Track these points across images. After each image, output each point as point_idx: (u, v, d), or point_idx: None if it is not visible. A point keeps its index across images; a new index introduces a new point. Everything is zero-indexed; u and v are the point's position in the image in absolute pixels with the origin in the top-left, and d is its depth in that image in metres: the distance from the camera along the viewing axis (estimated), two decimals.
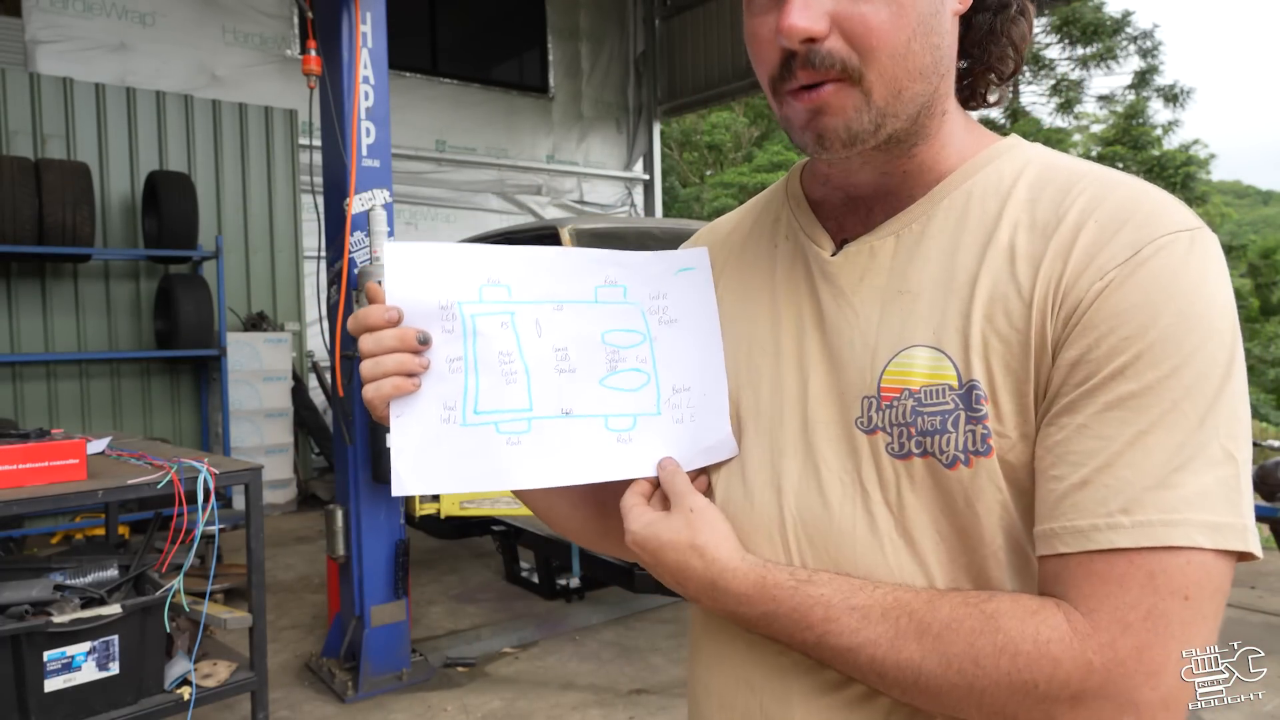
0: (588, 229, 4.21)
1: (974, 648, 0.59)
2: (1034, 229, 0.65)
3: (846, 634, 0.64)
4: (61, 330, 5.78)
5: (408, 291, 0.74)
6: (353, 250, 3.33)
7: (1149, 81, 15.45)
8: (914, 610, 0.62)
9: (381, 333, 0.73)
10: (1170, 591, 0.56)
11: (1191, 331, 0.58)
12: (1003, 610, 0.60)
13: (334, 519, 3.45)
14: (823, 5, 0.64)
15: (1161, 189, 0.66)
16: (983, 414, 0.63)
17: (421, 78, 8.37)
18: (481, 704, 3.29)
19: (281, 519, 6.22)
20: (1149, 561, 0.56)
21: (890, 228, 0.72)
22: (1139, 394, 0.58)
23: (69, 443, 2.45)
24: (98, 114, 5.97)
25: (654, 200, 10.25)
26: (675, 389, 0.79)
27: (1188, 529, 0.56)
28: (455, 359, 0.74)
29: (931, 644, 0.61)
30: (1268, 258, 17.05)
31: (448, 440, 0.74)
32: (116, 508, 3.68)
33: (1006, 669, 0.58)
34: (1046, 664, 0.57)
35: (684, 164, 18.95)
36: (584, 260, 0.79)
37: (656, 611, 4.24)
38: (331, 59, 3.32)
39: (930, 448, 0.65)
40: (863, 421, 0.69)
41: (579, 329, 0.78)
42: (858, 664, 0.64)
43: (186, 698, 2.50)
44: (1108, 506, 0.58)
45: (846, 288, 0.72)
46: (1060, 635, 0.57)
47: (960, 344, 0.65)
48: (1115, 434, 0.58)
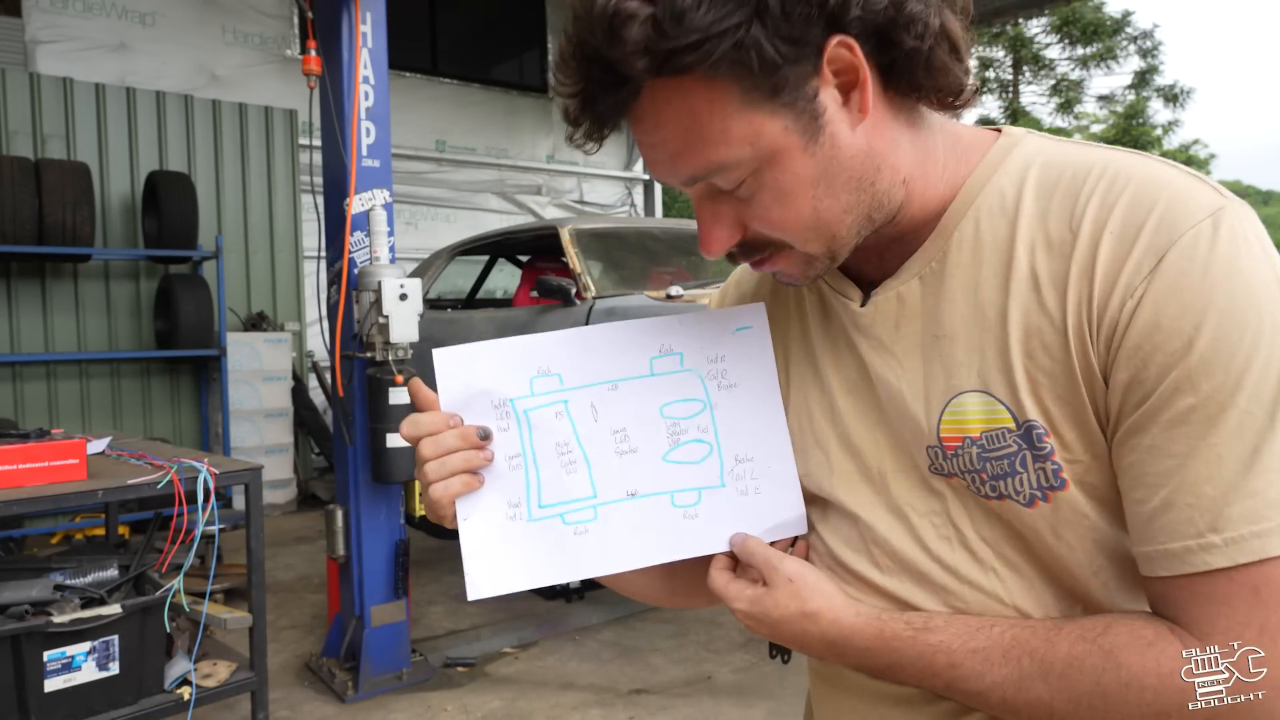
0: (587, 229, 4.21)
1: (1100, 685, 0.59)
2: (1051, 249, 0.63)
3: (973, 679, 0.64)
4: (61, 330, 5.78)
5: (460, 393, 0.75)
6: (353, 250, 3.33)
7: (1149, 81, 15.47)
8: (1034, 649, 0.62)
9: (441, 435, 0.74)
10: (1278, 603, 0.56)
11: (1237, 328, 0.56)
12: (1120, 645, 0.60)
13: (334, 519, 3.45)
14: (725, 216, 0.68)
15: (1171, 165, 0.63)
16: (1048, 450, 0.63)
17: (421, 78, 8.37)
18: (481, 704, 3.29)
19: (281, 519, 6.21)
20: (1250, 577, 0.56)
21: (911, 269, 0.71)
22: (1200, 406, 0.57)
23: (69, 443, 2.45)
24: (98, 114, 5.97)
25: (654, 200, 10.25)
26: (738, 459, 0.77)
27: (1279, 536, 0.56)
28: (514, 456, 0.75)
29: (1058, 683, 0.61)
30: None
31: (516, 537, 0.74)
32: (116, 508, 3.68)
33: (1135, 702, 0.58)
34: (1175, 694, 0.57)
35: None
36: (636, 332, 0.77)
37: (656, 611, 4.24)
38: (331, 59, 3.32)
39: (1005, 490, 0.65)
40: (936, 468, 0.69)
41: (636, 407, 0.76)
42: (990, 705, 0.64)
43: (186, 698, 2.50)
44: (1196, 526, 0.57)
45: (885, 339, 0.72)
46: (1181, 666, 0.57)
47: (1006, 384, 0.64)
48: (1186, 450, 0.57)
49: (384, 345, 3.22)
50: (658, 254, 4.47)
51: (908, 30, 0.61)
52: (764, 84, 0.61)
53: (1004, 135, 0.71)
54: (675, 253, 4.52)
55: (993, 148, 0.70)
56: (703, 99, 0.62)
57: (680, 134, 0.64)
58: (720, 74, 0.60)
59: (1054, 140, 0.69)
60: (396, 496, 3.52)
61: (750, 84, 0.61)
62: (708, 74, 0.60)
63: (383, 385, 3.23)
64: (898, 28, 0.61)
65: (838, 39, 0.60)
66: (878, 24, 0.61)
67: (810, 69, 0.61)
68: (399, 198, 5.22)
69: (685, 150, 0.65)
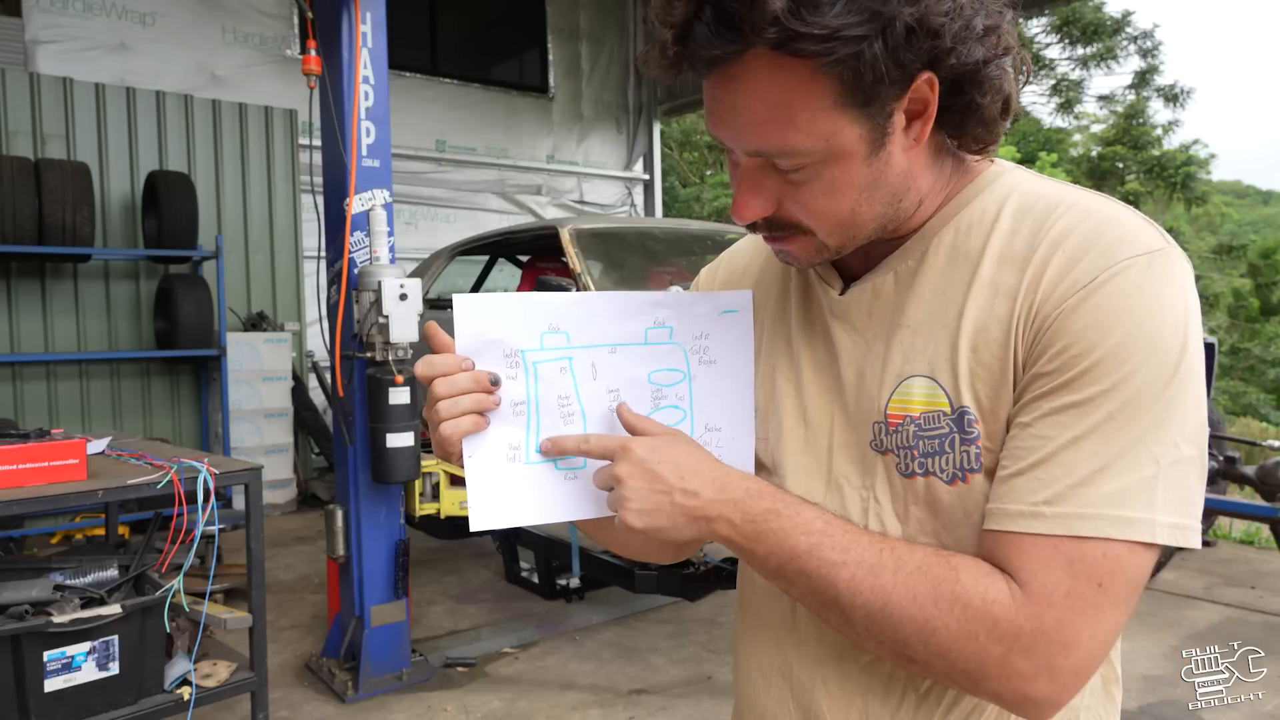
0: (587, 229, 4.21)
1: (936, 590, 0.68)
2: (1012, 262, 0.72)
3: (836, 550, 0.71)
4: (61, 330, 5.78)
5: (475, 339, 0.79)
6: (353, 250, 3.33)
7: (1149, 81, 15.45)
8: (894, 546, 0.71)
9: (455, 376, 0.78)
10: (1087, 578, 0.65)
11: (1137, 350, 0.65)
12: (964, 566, 0.69)
13: (334, 519, 3.45)
14: (767, 189, 0.74)
15: (1136, 212, 0.72)
16: (975, 435, 0.72)
17: (421, 78, 8.37)
18: (481, 704, 3.29)
19: (281, 519, 6.22)
20: (1069, 549, 0.65)
21: (889, 265, 0.79)
22: (1080, 404, 0.66)
23: (69, 443, 2.45)
24: (98, 114, 5.97)
25: (654, 200, 10.25)
26: (708, 428, 0.86)
27: (1099, 522, 0.65)
28: (519, 403, 0.80)
29: (904, 579, 0.69)
30: (1268, 258, 17.01)
31: (514, 478, 0.80)
32: (116, 508, 3.68)
33: (959, 616, 0.67)
34: (988, 620, 0.66)
35: (684, 164, 18.94)
36: (637, 303, 0.84)
37: (656, 611, 4.24)
38: (331, 59, 3.32)
39: (931, 468, 0.74)
40: (876, 444, 0.78)
41: (630, 370, 0.83)
42: (835, 581, 0.70)
43: (186, 698, 2.50)
44: (1037, 496, 0.67)
45: (858, 323, 0.80)
46: (1003, 599, 0.66)
47: (950, 373, 0.73)
48: (1053, 435, 0.67)
49: (384, 345, 3.22)
50: (658, 254, 4.46)
51: (979, 87, 0.70)
52: (860, 93, 0.67)
53: (995, 164, 0.79)
54: (675, 253, 4.52)
55: (985, 172, 0.78)
56: (803, 86, 0.66)
57: (767, 108, 0.68)
58: (829, 71, 0.65)
59: (1037, 176, 0.78)
60: (396, 496, 3.51)
61: (851, 89, 0.66)
62: (820, 67, 0.65)
63: (383, 385, 3.23)
64: (974, 82, 0.70)
65: (927, 75, 0.67)
66: (962, 74, 0.68)
67: (899, 92, 0.68)
68: (399, 198, 5.21)
69: (765, 124, 0.69)
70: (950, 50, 0.66)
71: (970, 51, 0.68)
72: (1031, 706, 0.68)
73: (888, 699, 0.78)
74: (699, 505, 0.73)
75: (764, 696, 0.88)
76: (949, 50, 0.66)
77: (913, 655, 0.69)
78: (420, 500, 4.09)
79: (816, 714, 0.82)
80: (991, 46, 0.69)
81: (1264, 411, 14.49)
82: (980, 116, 0.72)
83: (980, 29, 0.68)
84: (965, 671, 0.68)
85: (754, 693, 0.90)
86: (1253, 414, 14.35)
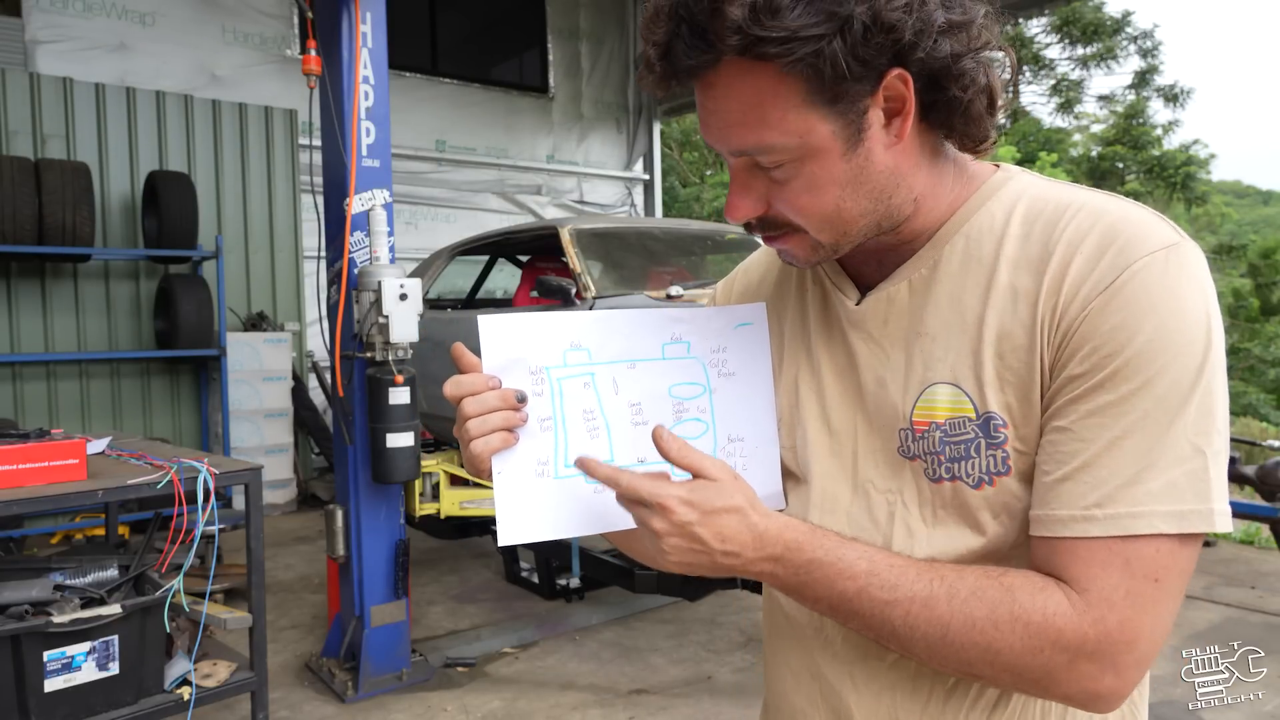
0: (588, 229, 4.21)
1: (994, 614, 0.68)
2: (1028, 266, 0.73)
3: (887, 589, 0.71)
4: (61, 330, 5.78)
5: (501, 359, 0.81)
6: (353, 250, 3.33)
7: (1149, 81, 15.45)
8: (944, 575, 0.71)
9: (484, 395, 0.80)
10: (1144, 575, 0.66)
11: (1165, 346, 0.66)
12: (1017, 584, 0.69)
13: (334, 519, 3.45)
14: (755, 189, 0.76)
15: (1145, 208, 0.73)
16: (1001, 440, 0.73)
17: (421, 78, 8.36)
18: (481, 704, 3.29)
19: (281, 519, 6.22)
20: (1124, 549, 0.66)
21: (903, 274, 0.81)
22: (1116, 403, 0.67)
23: (69, 443, 2.45)
24: (98, 114, 5.97)
25: (654, 200, 10.24)
26: (730, 438, 0.87)
27: (1152, 519, 0.66)
28: (546, 419, 0.82)
29: (960, 606, 0.69)
30: (1268, 258, 17.01)
31: (543, 492, 0.81)
32: (116, 508, 3.68)
33: (1020, 634, 0.68)
34: (1052, 633, 0.67)
35: (684, 164, 18.94)
36: (654, 319, 0.87)
37: (656, 612, 4.24)
38: (331, 59, 3.32)
39: (958, 473, 0.75)
40: (904, 450, 0.79)
41: (650, 385, 0.85)
42: (891, 621, 0.71)
43: (186, 698, 2.50)
44: (1086, 500, 0.67)
45: (875, 332, 0.82)
46: (1063, 610, 0.67)
47: (974, 380, 0.74)
48: (1095, 437, 0.68)
49: (384, 345, 3.22)
50: (657, 254, 4.46)
51: (956, 81, 0.71)
52: (827, 90, 0.69)
53: (1001, 170, 0.80)
54: (675, 252, 4.52)
55: (990, 178, 0.80)
56: (771, 87, 0.69)
57: (742, 109, 0.72)
58: (794, 71, 0.68)
59: (1043, 179, 0.79)
60: (396, 496, 3.51)
61: (816, 87, 0.69)
62: (783, 67, 0.68)
63: (383, 385, 3.22)
64: (949, 77, 0.71)
65: (898, 71, 0.69)
66: (934, 69, 0.70)
67: (869, 89, 0.70)
68: (399, 198, 5.21)
69: (742, 125, 0.72)
70: (913, 45, 0.68)
71: (937, 46, 0.68)
72: (1100, 702, 0.69)
73: (916, 694, 0.79)
74: (740, 564, 0.74)
75: (794, 695, 0.89)
76: (912, 45, 0.67)
77: (979, 674, 0.71)
78: (420, 500, 4.09)
79: (846, 713, 0.83)
80: (962, 41, 0.70)
81: (1264, 411, 14.47)
82: (964, 112, 0.73)
83: (942, 23, 0.69)
84: (1033, 681, 0.69)
85: (784, 691, 0.91)
86: (1253, 414, 14.33)
